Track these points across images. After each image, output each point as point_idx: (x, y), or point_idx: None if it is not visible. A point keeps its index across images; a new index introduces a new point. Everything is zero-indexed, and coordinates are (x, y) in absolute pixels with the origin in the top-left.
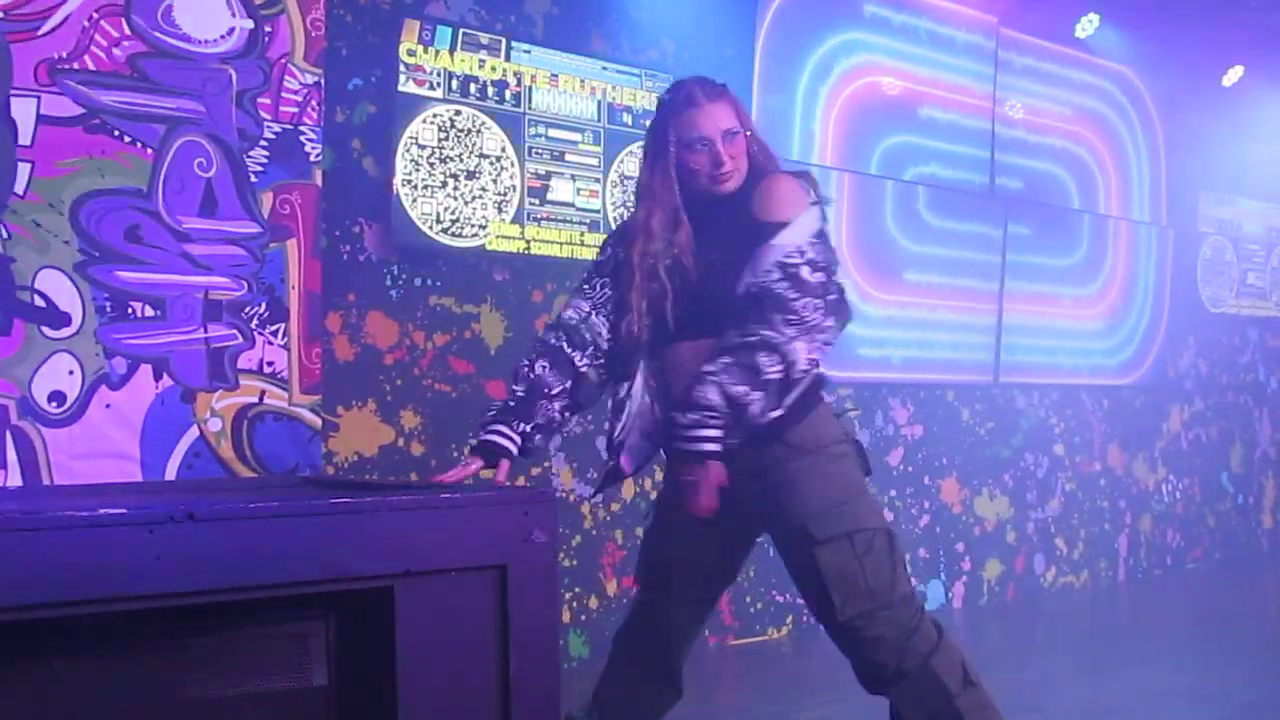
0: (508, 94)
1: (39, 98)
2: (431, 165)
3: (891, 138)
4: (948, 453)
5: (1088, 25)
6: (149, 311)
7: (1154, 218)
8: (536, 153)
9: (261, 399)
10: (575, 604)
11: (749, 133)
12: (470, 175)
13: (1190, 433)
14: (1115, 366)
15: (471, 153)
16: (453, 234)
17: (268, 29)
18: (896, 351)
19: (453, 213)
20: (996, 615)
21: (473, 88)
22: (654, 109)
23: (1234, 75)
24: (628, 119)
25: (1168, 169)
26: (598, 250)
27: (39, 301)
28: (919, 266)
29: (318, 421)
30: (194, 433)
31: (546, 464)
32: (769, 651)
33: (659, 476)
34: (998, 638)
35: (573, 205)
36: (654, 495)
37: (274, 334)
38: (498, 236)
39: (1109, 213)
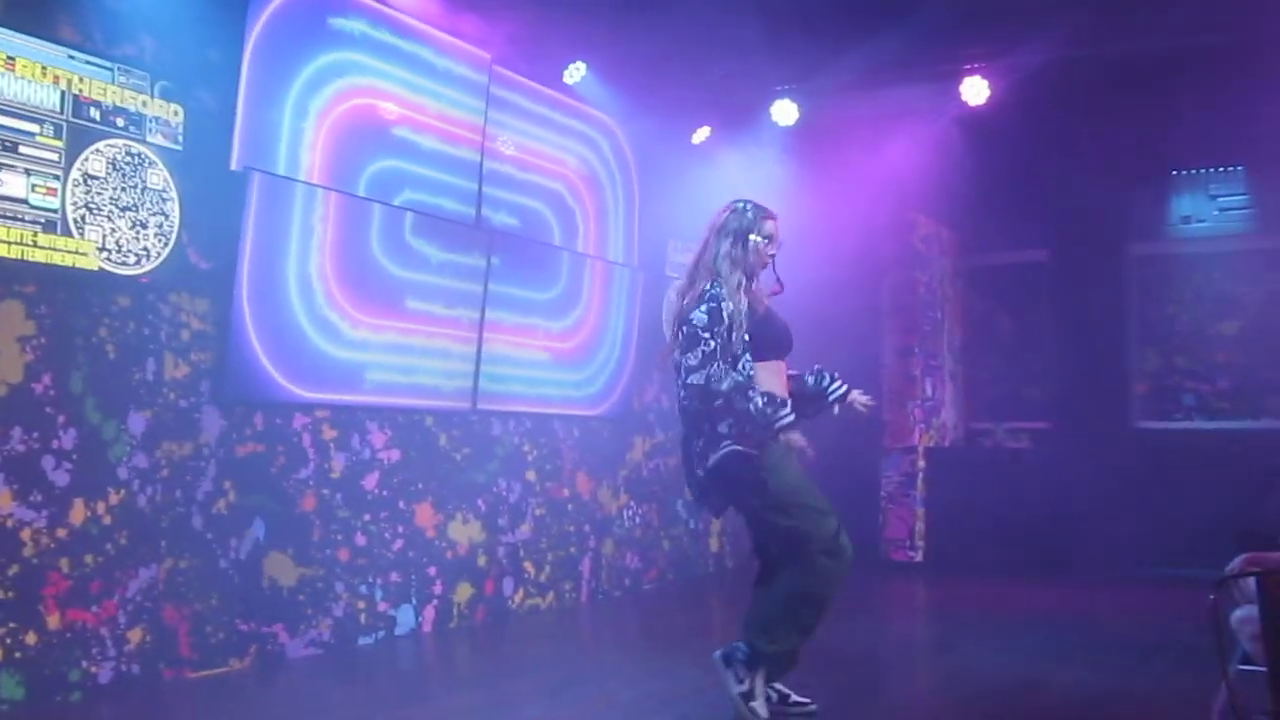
0: None
1: None
2: None
3: (381, 161)
4: (424, 478)
5: (575, 73)
6: None
7: (627, 259)
8: None
9: None
10: (9, 640)
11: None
12: None
13: (651, 462)
14: (586, 398)
15: None
16: None
17: None
18: (375, 375)
19: None
20: (466, 638)
21: None
22: (127, 106)
23: (702, 134)
24: (96, 114)
25: (641, 214)
26: None
27: None
28: (403, 291)
29: None
30: None
31: None
32: (232, 683)
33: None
34: (465, 660)
35: (26, 202)
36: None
37: None
38: None
39: (587, 252)
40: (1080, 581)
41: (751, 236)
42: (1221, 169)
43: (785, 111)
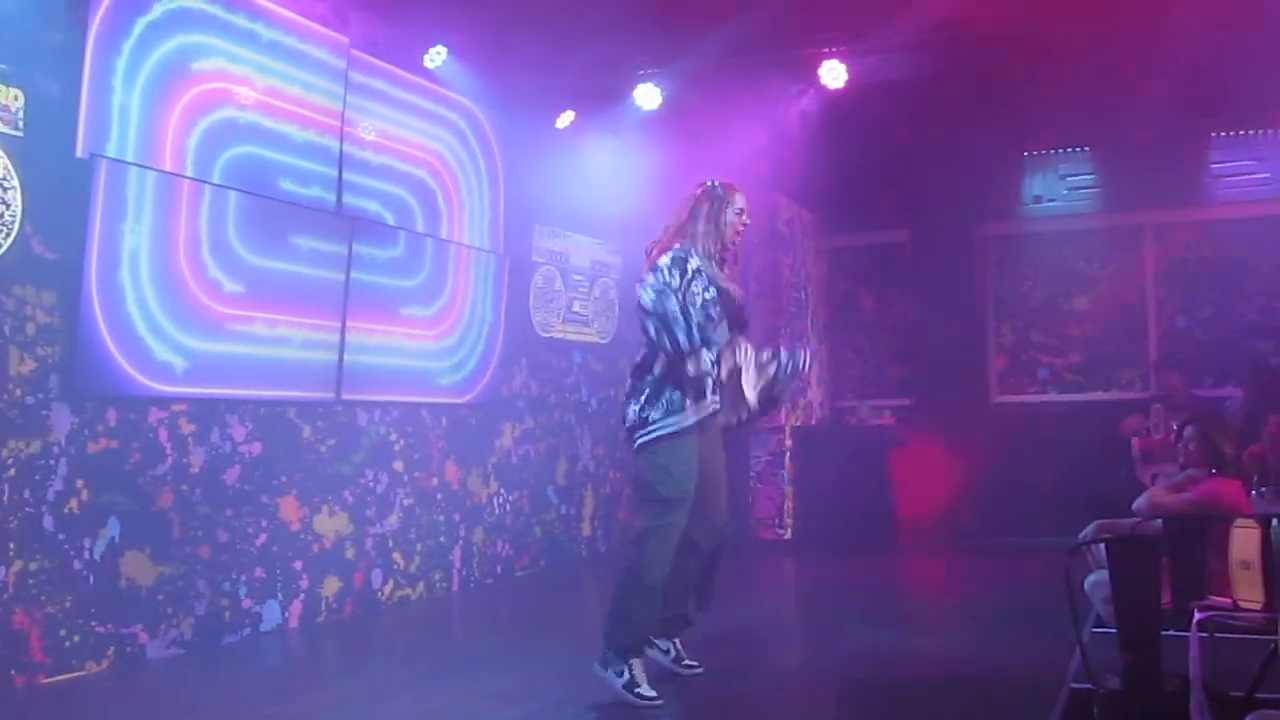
0: None
1: None
2: None
3: (237, 147)
4: (288, 470)
5: (436, 57)
6: None
7: (493, 245)
8: None
9: None
10: None
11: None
12: None
13: (521, 449)
14: (454, 385)
15: None
16: None
17: None
18: (235, 366)
19: None
20: (335, 632)
21: None
22: None
23: (566, 119)
24: None
25: (506, 200)
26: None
27: None
28: (262, 280)
29: None
30: None
31: None
32: (89, 687)
33: None
34: (334, 654)
35: None
36: None
37: None
38: None
39: (451, 238)
40: (942, 553)
41: (725, 211)
42: (1070, 150)
43: (648, 95)
